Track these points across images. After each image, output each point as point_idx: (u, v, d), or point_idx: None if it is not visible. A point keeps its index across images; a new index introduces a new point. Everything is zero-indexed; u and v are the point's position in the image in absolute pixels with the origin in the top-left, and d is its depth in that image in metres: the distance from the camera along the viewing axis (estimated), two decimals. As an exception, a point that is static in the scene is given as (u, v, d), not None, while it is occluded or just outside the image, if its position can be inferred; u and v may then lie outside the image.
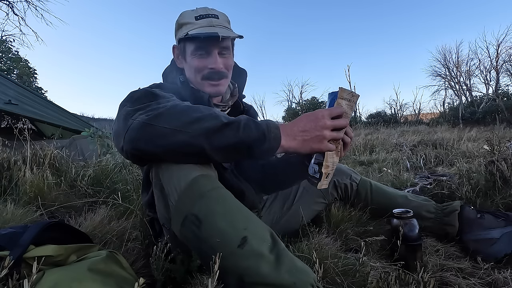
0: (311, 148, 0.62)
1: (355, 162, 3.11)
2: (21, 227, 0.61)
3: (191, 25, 0.80)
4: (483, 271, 0.77)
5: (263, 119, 0.63)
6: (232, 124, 0.57)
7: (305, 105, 11.70)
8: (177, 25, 0.84)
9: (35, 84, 15.12)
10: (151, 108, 0.60)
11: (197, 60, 0.82)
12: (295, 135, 0.62)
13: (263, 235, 0.54)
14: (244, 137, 0.57)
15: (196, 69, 0.83)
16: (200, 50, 0.81)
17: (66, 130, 4.54)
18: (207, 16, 0.80)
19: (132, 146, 0.58)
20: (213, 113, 0.59)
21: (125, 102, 0.65)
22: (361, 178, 1.13)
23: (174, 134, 0.56)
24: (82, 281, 0.52)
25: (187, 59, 0.84)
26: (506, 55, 14.98)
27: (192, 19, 0.80)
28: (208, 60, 0.81)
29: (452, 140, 3.74)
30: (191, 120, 0.57)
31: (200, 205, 0.54)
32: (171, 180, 0.58)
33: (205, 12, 0.81)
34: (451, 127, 9.23)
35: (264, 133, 0.58)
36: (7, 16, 9.99)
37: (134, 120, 0.58)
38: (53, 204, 1.26)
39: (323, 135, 0.62)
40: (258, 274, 0.50)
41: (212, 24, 0.80)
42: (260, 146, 0.58)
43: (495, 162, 1.26)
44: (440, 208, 1.01)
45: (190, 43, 0.81)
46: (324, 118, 0.62)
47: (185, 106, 0.61)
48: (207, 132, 0.56)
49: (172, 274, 0.68)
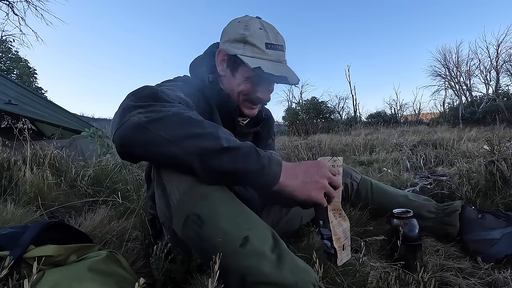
0: (308, 193, 0.59)
1: (355, 162, 3.11)
2: (21, 227, 0.61)
3: (260, 53, 0.75)
4: (483, 271, 0.77)
5: (269, 151, 0.59)
6: (232, 150, 0.53)
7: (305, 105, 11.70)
8: (238, 35, 0.77)
9: (35, 84, 15.12)
10: (152, 109, 0.56)
11: (250, 85, 0.79)
12: (297, 174, 0.59)
13: (265, 235, 0.54)
14: (241, 166, 0.53)
15: (243, 92, 0.80)
16: (257, 80, 0.78)
17: (66, 130, 4.54)
18: (277, 48, 0.77)
19: (120, 143, 0.56)
20: (215, 133, 0.54)
21: (131, 95, 0.61)
22: (361, 177, 1.13)
23: (166, 145, 0.52)
24: (82, 281, 0.52)
25: (236, 76, 0.80)
26: (506, 55, 15.02)
27: (262, 45, 0.75)
28: (260, 90, 0.80)
29: (452, 140, 3.73)
30: (189, 134, 0.53)
31: (202, 205, 0.54)
32: (172, 180, 0.58)
33: (275, 41, 0.77)
34: (451, 127, 9.23)
35: (264, 167, 0.55)
36: (7, 16, 9.99)
37: (130, 117, 0.54)
38: (53, 204, 1.26)
39: (323, 183, 0.60)
40: (260, 273, 0.50)
41: (279, 59, 0.78)
42: (256, 179, 0.55)
43: (495, 162, 1.26)
44: (441, 208, 1.01)
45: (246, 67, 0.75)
46: (325, 168, 0.62)
47: (188, 117, 0.56)
48: (202, 152, 0.52)
49: (172, 274, 0.68)
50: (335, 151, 3.93)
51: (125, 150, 0.57)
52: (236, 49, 0.77)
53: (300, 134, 9.60)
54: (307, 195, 0.59)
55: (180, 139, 0.53)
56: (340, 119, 16.27)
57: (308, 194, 0.59)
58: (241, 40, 0.76)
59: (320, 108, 12.49)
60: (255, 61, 0.74)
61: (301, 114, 11.91)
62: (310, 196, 0.59)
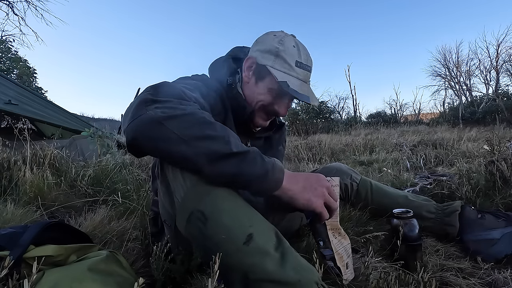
0: (309, 198, 0.61)
1: (355, 162, 3.11)
2: (21, 227, 0.61)
3: (289, 69, 0.77)
4: (483, 271, 0.78)
5: (273, 160, 0.60)
6: (239, 155, 0.55)
7: (305, 105, 11.68)
8: (272, 48, 0.78)
9: (35, 84, 15.10)
10: (170, 106, 0.56)
11: (270, 97, 0.80)
12: (298, 180, 0.61)
13: (269, 233, 0.55)
14: (246, 170, 0.55)
15: (263, 103, 0.81)
16: (279, 94, 0.80)
17: (66, 130, 4.54)
18: (305, 68, 0.79)
19: (132, 136, 0.55)
20: (226, 137, 0.55)
21: (150, 88, 0.61)
22: (361, 178, 1.13)
23: (178, 143, 0.53)
24: (82, 281, 0.52)
25: (259, 85, 0.81)
26: (506, 55, 15.02)
27: (293, 62, 0.77)
28: (279, 104, 0.81)
29: (452, 140, 3.73)
30: (201, 135, 0.54)
31: (206, 201, 0.54)
32: (177, 177, 0.58)
33: (305, 61, 0.79)
34: (451, 127, 9.22)
35: (267, 172, 0.56)
36: (7, 16, 10.00)
37: (147, 111, 0.54)
38: (53, 204, 1.26)
39: (323, 191, 0.63)
40: (263, 271, 0.50)
41: (306, 79, 0.80)
42: (259, 183, 0.56)
43: (495, 162, 1.26)
44: (441, 208, 1.01)
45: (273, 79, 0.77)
46: (325, 180, 0.65)
47: (203, 118, 0.57)
48: (211, 154, 0.53)
49: (172, 274, 0.68)
50: (335, 151, 3.92)
51: (135, 142, 0.56)
52: (267, 60, 0.78)
53: (300, 134, 9.60)
54: (307, 200, 0.61)
55: (192, 139, 0.53)
56: (340, 119, 16.26)
57: (308, 199, 0.61)
58: (274, 53, 0.78)
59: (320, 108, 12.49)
60: (282, 75, 0.76)
61: (301, 114, 11.90)
62: (310, 201, 0.61)
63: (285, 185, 0.59)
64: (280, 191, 0.59)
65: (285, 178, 0.59)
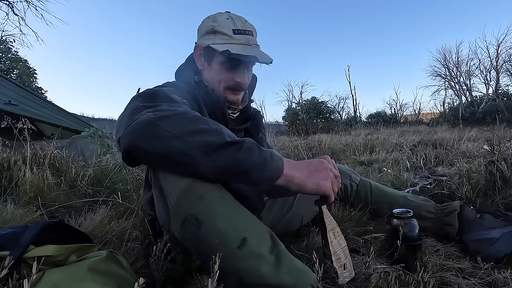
0: (317, 181, 0.60)
1: (355, 162, 3.11)
2: (21, 227, 0.61)
3: (229, 39, 0.79)
4: (483, 271, 0.77)
5: (270, 149, 0.60)
6: (234, 144, 0.55)
7: (305, 105, 11.70)
8: (208, 28, 0.81)
9: (35, 84, 15.08)
10: (161, 108, 0.58)
11: (225, 72, 0.82)
12: (302, 168, 0.61)
13: (263, 236, 0.54)
14: (243, 159, 0.54)
15: (222, 80, 0.82)
16: (231, 64, 0.81)
17: (66, 130, 4.53)
18: (245, 32, 0.80)
19: (129, 140, 0.56)
20: (218, 129, 0.56)
21: (137, 97, 0.64)
22: (360, 178, 1.14)
23: (172, 140, 0.54)
24: (82, 281, 0.52)
25: (212, 66, 0.83)
26: (506, 55, 14.99)
27: (230, 31, 0.79)
28: (236, 74, 0.82)
29: (452, 140, 3.73)
30: (194, 130, 0.55)
31: (199, 206, 0.54)
32: (170, 181, 0.58)
33: (243, 27, 0.80)
34: (451, 127, 9.22)
35: (266, 160, 0.56)
36: (7, 16, 9.97)
37: (140, 116, 0.56)
38: (53, 204, 1.26)
39: (329, 173, 0.62)
40: (258, 275, 0.50)
41: (249, 42, 0.81)
42: (259, 172, 0.55)
43: (495, 162, 1.27)
44: (440, 208, 1.01)
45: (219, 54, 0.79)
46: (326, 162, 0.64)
47: (195, 115, 0.58)
48: (207, 146, 0.53)
49: (172, 274, 0.69)
50: (335, 151, 3.92)
51: (132, 146, 0.56)
52: (208, 40, 0.81)
53: (300, 134, 9.60)
54: (316, 184, 0.60)
55: (187, 134, 0.54)
56: (340, 119, 16.26)
57: (317, 183, 0.60)
58: (211, 31, 0.81)
59: (320, 108, 12.49)
60: (223, 46, 0.78)
61: (301, 114, 11.92)
62: (319, 184, 0.60)
63: (289, 173, 0.58)
64: (286, 180, 0.58)
65: (288, 167, 0.59)
